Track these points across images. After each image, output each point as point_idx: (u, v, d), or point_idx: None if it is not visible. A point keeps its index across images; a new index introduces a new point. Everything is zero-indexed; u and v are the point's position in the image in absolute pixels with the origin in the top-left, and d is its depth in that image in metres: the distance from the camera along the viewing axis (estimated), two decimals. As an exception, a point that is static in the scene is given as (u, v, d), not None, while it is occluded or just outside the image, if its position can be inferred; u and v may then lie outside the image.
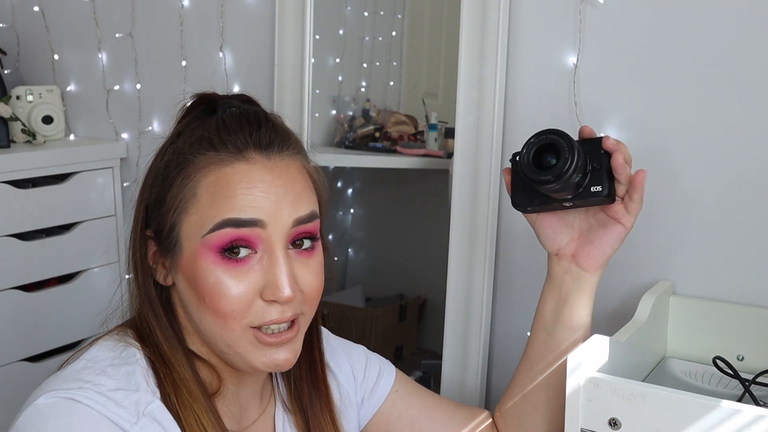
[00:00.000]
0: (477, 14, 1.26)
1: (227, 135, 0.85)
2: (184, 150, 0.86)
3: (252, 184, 0.82)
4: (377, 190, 2.00)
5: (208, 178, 0.83)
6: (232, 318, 0.82)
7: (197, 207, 0.83)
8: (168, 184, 0.86)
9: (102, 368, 0.82)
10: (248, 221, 0.81)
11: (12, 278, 1.63)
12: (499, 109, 1.26)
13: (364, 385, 1.08)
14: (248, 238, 0.82)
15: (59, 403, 0.77)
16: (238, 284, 0.82)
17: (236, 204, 0.81)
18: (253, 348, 0.84)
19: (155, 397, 0.82)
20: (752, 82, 1.09)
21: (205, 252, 0.82)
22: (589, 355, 0.84)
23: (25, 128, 1.80)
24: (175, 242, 0.85)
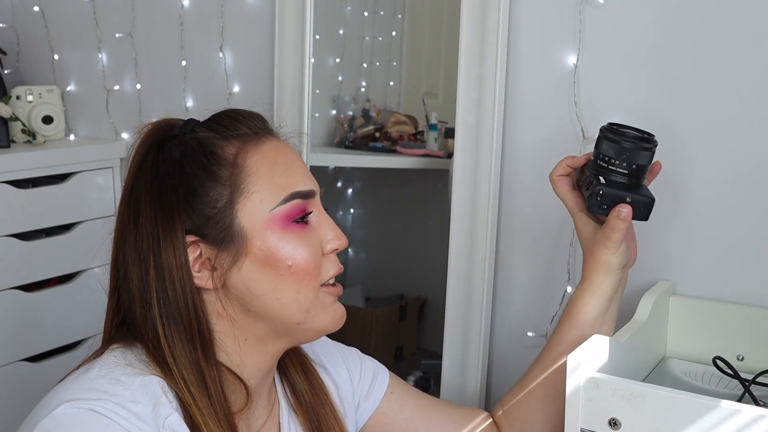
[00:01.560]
0: (477, 14, 1.26)
1: (239, 124, 0.91)
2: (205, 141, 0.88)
3: (288, 158, 0.91)
4: (377, 190, 2.00)
5: (254, 157, 0.88)
6: (313, 276, 0.88)
7: (258, 184, 0.87)
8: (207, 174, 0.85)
9: (116, 378, 0.80)
10: (309, 192, 0.90)
11: (12, 278, 1.63)
12: (499, 109, 1.26)
13: (360, 388, 1.08)
14: (309, 207, 0.90)
15: (80, 414, 0.76)
16: (308, 245, 0.88)
17: (293, 177, 0.89)
18: (324, 307, 0.90)
19: (173, 409, 0.80)
20: (752, 81, 1.09)
21: (274, 224, 0.86)
22: (589, 355, 0.84)
23: (25, 128, 1.80)
24: (236, 229, 0.84)
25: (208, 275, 0.86)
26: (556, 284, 1.27)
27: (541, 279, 1.29)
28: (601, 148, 0.97)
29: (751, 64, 1.09)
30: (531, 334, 1.30)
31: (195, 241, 0.85)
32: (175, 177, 0.86)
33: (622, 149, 0.95)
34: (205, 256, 0.86)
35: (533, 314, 1.30)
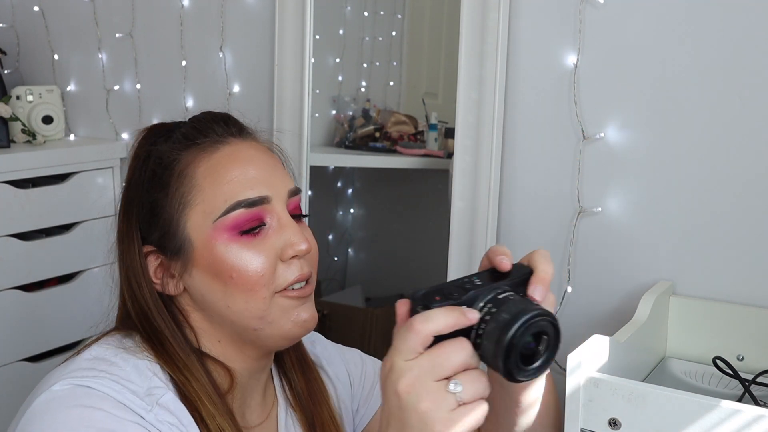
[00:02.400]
0: (477, 14, 1.26)
1: (204, 129, 0.90)
2: (164, 155, 0.90)
3: (245, 163, 0.88)
4: (377, 190, 2.00)
5: (202, 167, 0.88)
6: (261, 286, 0.85)
7: (201, 196, 0.87)
8: (160, 187, 0.89)
9: (111, 360, 0.83)
10: (257, 199, 0.86)
11: (12, 278, 1.63)
12: (499, 109, 1.26)
13: (360, 392, 1.08)
14: (260, 215, 0.86)
15: (75, 389, 0.78)
16: (258, 254, 0.86)
17: (239, 185, 0.86)
18: (283, 313, 0.87)
19: (167, 390, 0.83)
20: (752, 81, 1.09)
21: (219, 234, 0.85)
22: (589, 355, 0.84)
23: (25, 128, 1.80)
24: (184, 240, 0.87)
25: (171, 282, 0.90)
26: (556, 284, 1.27)
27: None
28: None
29: (751, 64, 1.09)
30: (531, 334, 1.30)
31: (152, 251, 0.90)
32: (140, 189, 0.91)
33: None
34: (165, 265, 0.90)
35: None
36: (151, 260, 0.90)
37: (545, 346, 0.66)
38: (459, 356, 0.63)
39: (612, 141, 1.20)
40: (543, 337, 0.65)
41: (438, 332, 0.64)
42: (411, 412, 0.63)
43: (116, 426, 0.76)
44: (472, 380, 0.63)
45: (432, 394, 0.62)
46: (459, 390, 0.62)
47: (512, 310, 0.64)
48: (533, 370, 0.65)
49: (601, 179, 1.22)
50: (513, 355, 0.63)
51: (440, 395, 0.62)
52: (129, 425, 0.77)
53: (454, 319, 0.64)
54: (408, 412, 0.63)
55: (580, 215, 1.24)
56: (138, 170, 0.91)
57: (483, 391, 0.64)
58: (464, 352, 0.64)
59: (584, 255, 1.25)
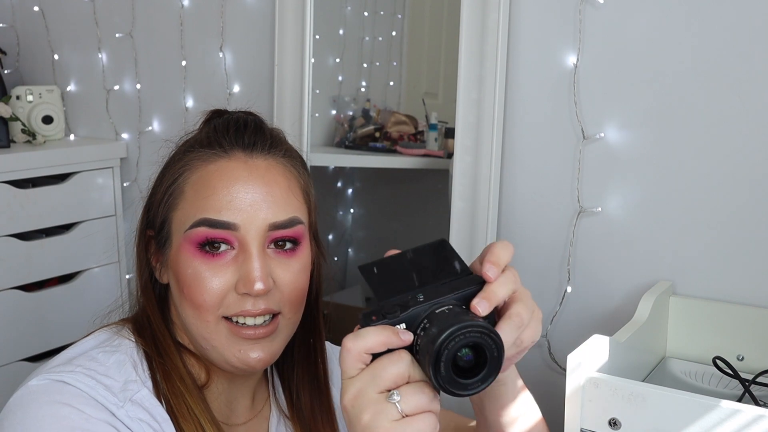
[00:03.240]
0: (477, 14, 1.26)
1: (215, 135, 0.89)
2: (179, 151, 0.91)
3: (230, 183, 0.85)
4: (377, 190, 2.00)
5: (194, 175, 0.87)
6: (206, 309, 0.84)
7: (183, 203, 0.87)
8: (160, 180, 0.91)
9: (93, 355, 0.85)
10: (222, 223, 0.84)
11: (12, 278, 1.63)
12: (499, 109, 1.26)
13: None
14: (223, 237, 0.84)
15: (50, 384, 0.80)
16: (213, 276, 0.84)
17: (213, 204, 0.84)
18: (228, 342, 0.85)
19: (144, 386, 0.84)
20: (752, 81, 1.09)
21: (186, 246, 0.85)
22: (589, 355, 0.84)
23: (25, 128, 1.80)
24: (167, 237, 0.89)
25: (160, 269, 0.91)
26: (556, 284, 1.27)
27: (541, 279, 1.29)
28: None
29: (751, 64, 1.09)
30: (531, 334, 1.30)
31: (152, 236, 0.92)
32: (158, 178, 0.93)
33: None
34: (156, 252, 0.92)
35: (533, 314, 1.30)
36: (152, 244, 0.92)
37: (485, 360, 0.64)
38: (396, 367, 0.64)
39: (612, 141, 1.20)
40: (484, 349, 0.64)
41: (369, 350, 0.65)
42: (356, 424, 0.64)
43: (85, 424, 0.77)
44: (413, 392, 0.64)
45: (373, 406, 0.63)
46: (397, 399, 0.63)
47: (442, 324, 0.64)
48: (472, 383, 0.64)
49: (601, 179, 1.22)
50: (443, 368, 0.63)
51: (381, 406, 0.63)
52: (98, 424, 0.78)
53: (385, 338, 0.65)
54: (354, 425, 0.65)
55: (580, 215, 1.24)
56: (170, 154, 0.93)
57: (426, 403, 0.64)
58: (402, 363, 0.64)
59: (584, 255, 1.25)
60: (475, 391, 0.65)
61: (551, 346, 1.29)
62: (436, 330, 0.64)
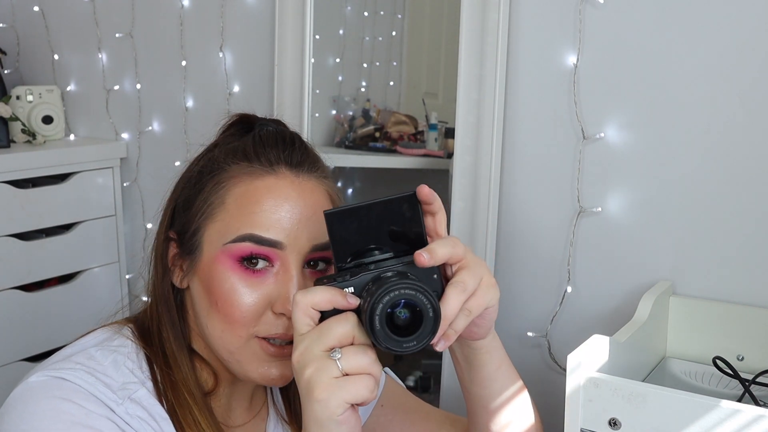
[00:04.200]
0: (477, 14, 1.26)
1: (262, 149, 0.88)
2: (219, 159, 0.89)
3: (278, 201, 0.85)
4: (377, 190, 2.00)
5: (238, 188, 0.86)
6: (241, 325, 0.83)
7: (224, 215, 0.86)
8: (199, 188, 0.89)
9: (91, 353, 0.85)
10: (269, 241, 0.83)
11: (12, 278, 1.63)
12: (499, 109, 1.26)
13: None
14: (267, 255, 0.84)
15: (49, 380, 0.80)
16: (251, 293, 0.83)
17: (261, 220, 0.84)
18: (254, 358, 0.85)
19: (142, 386, 0.84)
20: (752, 81, 1.09)
21: (224, 259, 0.84)
22: (589, 355, 0.84)
23: (25, 128, 1.80)
24: (197, 246, 0.87)
25: (180, 275, 0.90)
26: (556, 284, 1.27)
27: (541, 279, 1.29)
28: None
29: (751, 64, 1.09)
30: (531, 334, 1.30)
31: (174, 238, 0.91)
32: (190, 176, 0.91)
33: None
34: (179, 257, 0.91)
35: (533, 314, 1.30)
36: (172, 246, 0.91)
37: (421, 320, 0.68)
38: (342, 326, 0.68)
39: (612, 141, 1.20)
40: (419, 309, 0.68)
41: (316, 305, 0.69)
42: (300, 379, 0.68)
43: (85, 419, 0.77)
44: (354, 352, 0.67)
45: (315, 362, 0.67)
46: (338, 356, 0.67)
47: (381, 285, 0.68)
48: (407, 341, 0.68)
49: (601, 179, 1.22)
50: (377, 322, 0.67)
51: (322, 362, 0.67)
52: (98, 419, 0.78)
53: (331, 295, 0.70)
54: (298, 380, 0.69)
55: (580, 215, 1.24)
56: (201, 157, 0.92)
57: (366, 365, 0.67)
58: (347, 323, 0.68)
59: (584, 255, 1.25)
60: (411, 349, 0.68)
61: (551, 346, 1.29)
62: (374, 288, 0.68)
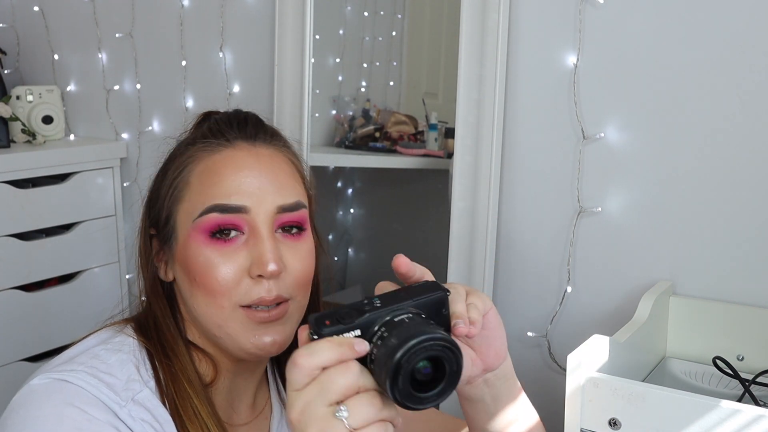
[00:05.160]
0: (477, 14, 1.26)
1: (217, 128, 0.91)
2: (180, 147, 0.93)
3: (238, 169, 0.87)
4: (377, 190, 2.00)
5: (199, 166, 0.88)
6: (221, 294, 0.85)
7: (189, 194, 0.88)
8: (163, 175, 0.92)
9: (95, 353, 0.85)
10: (233, 207, 0.85)
11: (12, 278, 1.63)
12: (499, 109, 1.26)
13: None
14: (234, 222, 0.85)
15: (52, 383, 0.80)
16: (225, 262, 0.84)
17: (222, 189, 0.86)
18: (243, 328, 0.86)
19: (145, 386, 0.84)
20: (752, 81, 1.09)
21: (196, 235, 0.86)
22: (589, 355, 0.84)
23: (25, 128, 1.80)
24: (172, 232, 0.89)
25: (164, 267, 0.92)
26: (556, 284, 1.27)
27: (541, 279, 1.29)
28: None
29: (751, 64, 1.09)
30: (531, 334, 1.30)
31: (155, 234, 0.92)
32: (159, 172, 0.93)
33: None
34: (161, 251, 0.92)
35: (533, 314, 1.31)
36: (155, 243, 0.92)
37: (444, 373, 0.62)
38: (345, 378, 0.61)
39: (612, 141, 1.20)
40: (443, 363, 0.61)
41: (322, 366, 0.62)
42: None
43: (88, 425, 0.77)
44: (361, 404, 0.61)
45: (320, 421, 0.61)
46: (345, 415, 0.60)
47: (402, 334, 0.61)
48: (429, 397, 0.62)
49: (601, 179, 1.22)
50: (401, 381, 0.60)
51: (328, 422, 0.60)
52: (101, 425, 0.78)
53: (339, 354, 0.62)
54: None
55: (580, 215, 1.24)
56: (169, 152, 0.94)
57: (374, 414, 0.61)
58: (350, 373, 0.61)
59: (584, 255, 1.25)
60: (431, 405, 0.62)
61: (551, 346, 1.29)
62: (395, 341, 0.61)
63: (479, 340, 0.77)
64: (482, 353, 0.77)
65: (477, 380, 0.79)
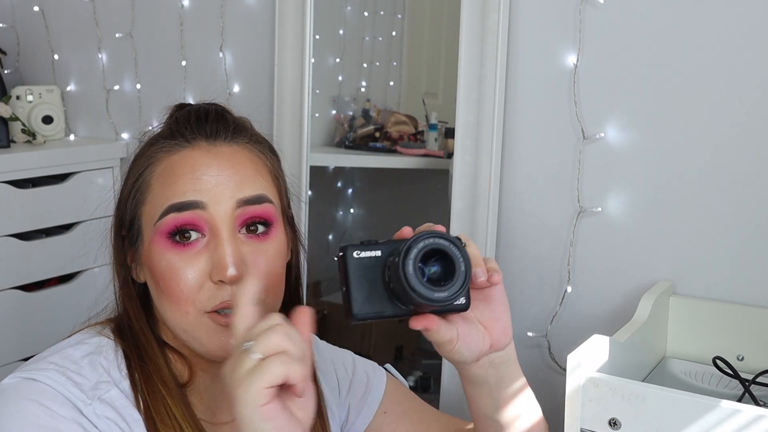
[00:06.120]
0: (477, 14, 1.26)
1: (177, 127, 0.89)
2: (143, 148, 0.91)
3: (194, 169, 0.84)
4: (377, 190, 2.00)
5: (159, 167, 0.87)
6: (184, 300, 0.83)
7: (150, 197, 0.86)
8: (126, 177, 0.90)
9: (68, 354, 0.85)
10: (188, 204, 0.83)
11: (12, 278, 1.63)
12: (499, 109, 1.26)
13: (347, 401, 1.02)
14: (192, 221, 0.83)
15: (20, 382, 0.80)
16: (186, 266, 0.82)
17: (178, 189, 0.84)
18: (209, 332, 0.84)
19: (115, 386, 0.84)
20: (752, 81, 1.09)
21: (158, 239, 0.84)
22: (589, 355, 0.84)
23: (25, 128, 1.80)
24: (137, 234, 0.88)
25: (136, 269, 0.91)
26: (556, 284, 1.27)
27: (541, 279, 1.29)
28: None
29: (752, 63, 1.09)
30: (531, 334, 1.30)
31: (125, 235, 0.91)
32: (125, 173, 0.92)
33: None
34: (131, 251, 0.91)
35: (533, 314, 1.30)
36: (126, 244, 0.91)
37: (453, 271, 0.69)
38: (265, 323, 0.66)
39: (612, 141, 1.20)
40: (452, 259, 0.69)
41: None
42: (226, 382, 0.66)
43: (50, 421, 0.77)
44: (265, 334, 0.65)
45: (234, 358, 0.66)
46: (250, 344, 0.64)
47: (400, 248, 0.68)
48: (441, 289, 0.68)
49: (601, 179, 1.22)
50: (414, 281, 0.67)
51: (238, 357, 0.65)
52: (63, 421, 0.78)
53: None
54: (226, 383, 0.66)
55: (580, 215, 1.24)
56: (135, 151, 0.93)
57: (278, 341, 0.64)
58: (271, 319, 0.66)
59: (584, 255, 1.25)
60: (442, 301, 0.68)
61: (551, 346, 1.29)
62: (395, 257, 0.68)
63: (488, 314, 0.79)
64: (491, 328, 0.79)
65: (484, 358, 0.80)
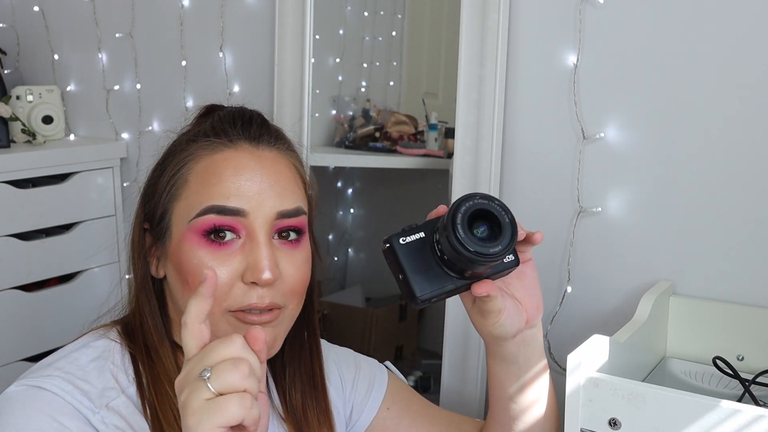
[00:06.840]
0: (477, 14, 1.26)
1: (221, 126, 0.89)
2: (181, 142, 0.90)
3: (238, 171, 0.85)
4: (377, 190, 2.00)
5: (199, 165, 0.86)
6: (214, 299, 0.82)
7: (187, 193, 0.86)
8: (162, 172, 0.89)
9: (74, 359, 0.84)
10: (231, 210, 0.83)
11: (12, 278, 1.63)
12: (499, 109, 1.26)
13: (352, 398, 1.03)
14: (231, 225, 0.83)
15: (27, 390, 0.79)
16: (219, 266, 0.82)
17: (221, 191, 0.84)
18: (233, 329, 0.83)
19: (122, 393, 0.83)
20: (752, 81, 1.09)
21: (191, 236, 0.84)
22: (589, 355, 0.84)
23: (25, 128, 1.80)
24: (166, 229, 0.87)
25: (156, 264, 0.90)
26: (556, 284, 1.27)
27: (541, 279, 1.29)
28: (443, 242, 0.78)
29: (751, 63, 1.09)
30: (531, 334, 1.30)
31: (148, 228, 0.91)
32: (157, 166, 0.92)
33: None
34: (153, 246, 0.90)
35: (533, 314, 1.30)
36: (148, 238, 0.90)
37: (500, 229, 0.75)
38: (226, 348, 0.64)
39: (612, 141, 1.20)
40: (497, 217, 0.75)
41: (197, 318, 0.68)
42: (179, 404, 0.65)
43: None
44: (224, 367, 0.63)
45: (191, 384, 0.64)
46: (207, 376, 0.63)
47: (444, 221, 0.75)
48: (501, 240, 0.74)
49: (601, 179, 1.22)
50: (468, 242, 0.73)
51: (195, 384, 0.63)
52: None
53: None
54: (179, 406, 0.65)
55: (580, 215, 1.24)
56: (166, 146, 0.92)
57: (237, 380, 0.63)
58: (233, 345, 0.65)
59: (584, 255, 1.25)
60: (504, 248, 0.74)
61: (551, 346, 1.29)
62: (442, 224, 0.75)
63: (522, 291, 0.85)
64: (526, 304, 0.86)
65: (519, 335, 0.86)
